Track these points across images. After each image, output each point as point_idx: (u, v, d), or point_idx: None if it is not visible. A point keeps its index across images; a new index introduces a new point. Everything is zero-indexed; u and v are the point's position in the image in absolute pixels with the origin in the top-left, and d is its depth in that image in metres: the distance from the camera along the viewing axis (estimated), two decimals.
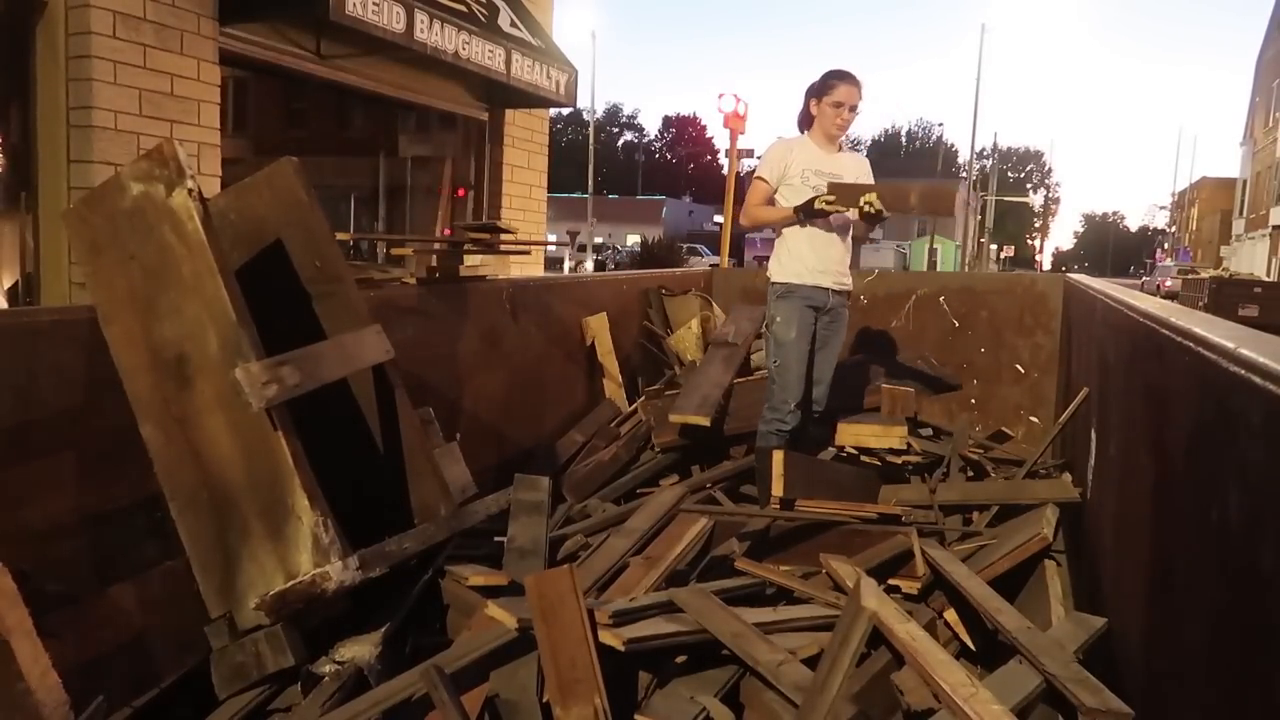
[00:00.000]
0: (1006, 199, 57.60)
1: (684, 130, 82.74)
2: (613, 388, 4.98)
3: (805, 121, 3.86)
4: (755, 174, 3.87)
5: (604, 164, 65.26)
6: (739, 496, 4.09)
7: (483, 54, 7.00)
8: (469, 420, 3.75)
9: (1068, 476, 3.51)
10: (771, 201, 3.81)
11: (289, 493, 2.19)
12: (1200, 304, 17.93)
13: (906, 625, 2.03)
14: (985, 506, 3.49)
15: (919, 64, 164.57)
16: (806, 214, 3.63)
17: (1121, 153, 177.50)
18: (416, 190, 9.77)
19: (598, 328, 4.93)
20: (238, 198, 2.72)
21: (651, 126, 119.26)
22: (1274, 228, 36.18)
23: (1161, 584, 1.86)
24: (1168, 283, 29.07)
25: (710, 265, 9.92)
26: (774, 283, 3.81)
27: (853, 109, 3.72)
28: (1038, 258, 65.43)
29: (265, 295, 2.41)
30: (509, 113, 8.67)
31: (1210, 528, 1.49)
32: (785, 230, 3.81)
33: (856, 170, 3.83)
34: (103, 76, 4.99)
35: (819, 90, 3.75)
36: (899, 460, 4.08)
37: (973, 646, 2.60)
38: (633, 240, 35.84)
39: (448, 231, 8.59)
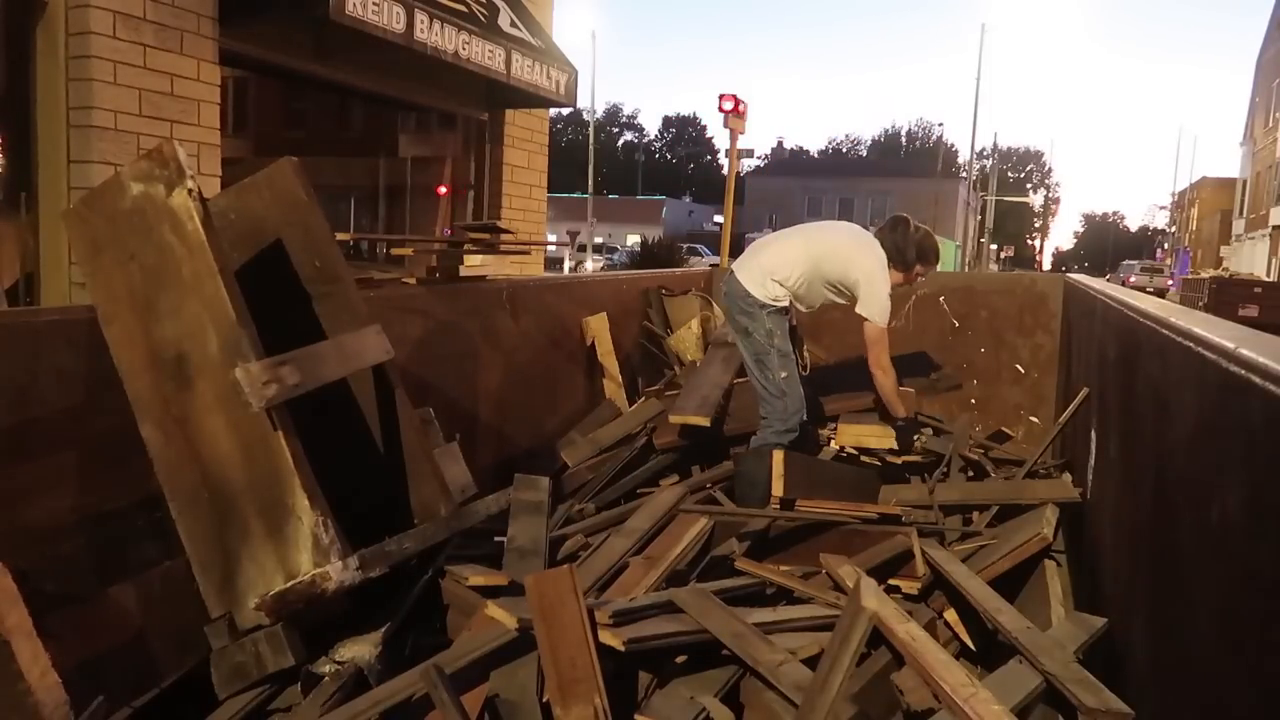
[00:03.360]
0: (1006, 199, 57.50)
1: (684, 130, 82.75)
2: (613, 388, 4.98)
3: (892, 262, 3.90)
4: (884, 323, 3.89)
5: (604, 164, 65.16)
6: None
7: (483, 54, 7.00)
8: (469, 420, 3.75)
9: (1068, 476, 3.50)
10: None
11: (289, 493, 2.19)
12: (1200, 304, 17.94)
13: (906, 625, 2.02)
14: (985, 506, 3.49)
15: (919, 64, 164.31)
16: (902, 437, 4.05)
17: (1121, 153, 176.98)
18: (416, 190, 9.77)
19: (598, 328, 4.93)
20: (238, 198, 2.72)
21: (651, 126, 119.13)
22: (1274, 228, 36.13)
23: (1161, 584, 1.86)
24: (1131, 279, 34.61)
25: (710, 265, 9.91)
26: (764, 302, 3.81)
27: None
28: (1038, 258, 65.41)
29: (265, 295, 2.42)
30: (509, 113, 8.67)
31: (1210, 528, 1.49)
32: (794, 300, 3.92)
33: None
34: (103, 76, 4.98)
35: (914, 263, 3.94)
36: (899, 460, 4.08)
37: (973, 646, 2.60)
38: (633, 240, 35.83)
39: (448, 231, 8.60)
